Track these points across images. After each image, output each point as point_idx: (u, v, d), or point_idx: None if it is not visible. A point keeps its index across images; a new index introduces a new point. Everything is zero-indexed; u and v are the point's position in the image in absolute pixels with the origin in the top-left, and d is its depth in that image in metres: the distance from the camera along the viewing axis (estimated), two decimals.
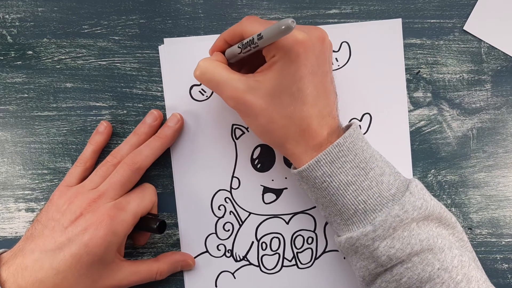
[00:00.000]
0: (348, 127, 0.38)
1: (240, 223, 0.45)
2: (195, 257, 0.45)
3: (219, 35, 0.45)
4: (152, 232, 0.42)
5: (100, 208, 0.39)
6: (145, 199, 0.42)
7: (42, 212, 0.40)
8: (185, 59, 0.45)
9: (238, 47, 0.38)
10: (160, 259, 0.43)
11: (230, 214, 0.45)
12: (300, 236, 0.45)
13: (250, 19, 0.38)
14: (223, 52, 0.40)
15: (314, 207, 0.44)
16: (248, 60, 0.41)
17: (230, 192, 0.45)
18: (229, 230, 0.45)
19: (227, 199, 0.45)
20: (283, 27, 0.32)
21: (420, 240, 0.35)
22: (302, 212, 0.45)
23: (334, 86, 0.39)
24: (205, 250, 0.45)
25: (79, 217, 0.38)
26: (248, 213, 0.45)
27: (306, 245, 0.44)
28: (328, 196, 0.36)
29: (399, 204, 0.35)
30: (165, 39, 0.45)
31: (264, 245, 0.45)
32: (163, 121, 0.45)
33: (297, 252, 0.45)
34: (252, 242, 0.45)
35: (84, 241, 0.37)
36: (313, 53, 0.36)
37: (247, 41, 0.36)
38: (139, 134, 0.43)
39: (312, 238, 0.44)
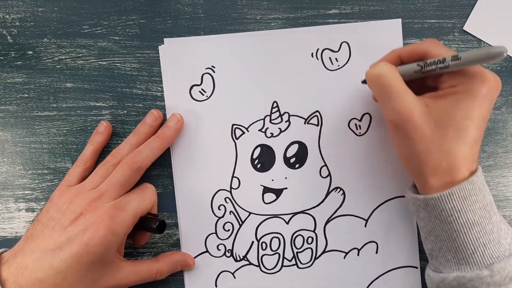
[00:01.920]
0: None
1: (240, 223, 0.45)
2: (195, 257, 0.45)
3: (219, 35, 0.45)
4: (152, 232, 0.42)
5: (100, 208, 0.39)
6: (145, 199, 0.42)
7: (42, 212, 0.41)
8: (185, 59, 0.45)
9: (418, 65, 0.36)
10: (160, 259, 0.43)
11: (230, 214, 0.45)
12: (300, 236, 0.45)
13: (435, 41, 0.37)
14: None
15: (314, 207, 0.44)
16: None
17: (230, 192, 0.45)
18: (229, 230, 0.45)
19: (227, 199, 0.45)
20: (494, 51, 0.31)
21: None
22: (302, 212, 0.45)
23: None
24: (205, 250, 0.45)
25: (79, 217, 0.39)
26: (248, 213, 0.45)
27: (306, 245, 0.44)
28: (449, 231, 0.36)
29: None
30: (165, 39, 0.45)
31: (264, 245, 0.45)
32: (163, 121, 0.45)
33: (297, 252, 0.45)
34: (252, 242, 0.45)
35: (84, 240, 0.37)
36: (490, 97, 0.35)
37: (435, 61, 0.35)
38: (139, 134, 0.43)
39: (312, 238, 0.44)
